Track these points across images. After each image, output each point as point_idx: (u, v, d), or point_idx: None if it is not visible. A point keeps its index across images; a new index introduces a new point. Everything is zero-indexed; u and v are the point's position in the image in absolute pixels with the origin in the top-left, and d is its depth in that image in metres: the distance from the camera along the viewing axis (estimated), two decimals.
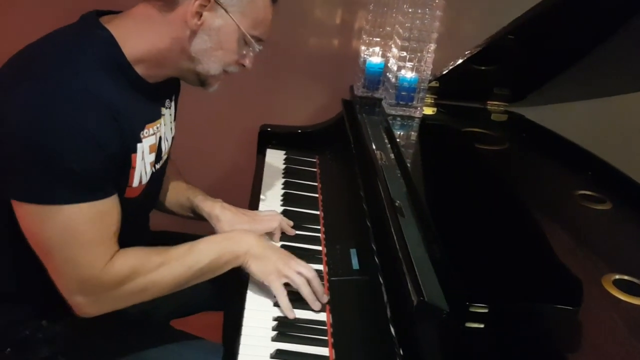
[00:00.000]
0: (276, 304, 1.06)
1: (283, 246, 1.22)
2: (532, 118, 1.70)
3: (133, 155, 1.01)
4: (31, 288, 1.08)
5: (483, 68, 1.62)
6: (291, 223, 1.29)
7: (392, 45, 1.56)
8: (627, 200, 1.31)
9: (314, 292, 1.06)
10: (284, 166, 1.58)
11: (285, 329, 1.01)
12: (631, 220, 1.28)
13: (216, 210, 1.24)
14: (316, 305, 1.06)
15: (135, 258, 1.01)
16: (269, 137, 1.68)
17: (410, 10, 1.45)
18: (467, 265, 0.90)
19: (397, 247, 0.94)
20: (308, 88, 1.89)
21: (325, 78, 1.87)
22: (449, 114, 1.67)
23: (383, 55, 1.63)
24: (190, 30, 0.98)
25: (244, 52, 1.06)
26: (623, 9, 1.24)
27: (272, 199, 1.41)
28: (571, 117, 1.77)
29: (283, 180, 1.50)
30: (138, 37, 0.99)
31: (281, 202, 1.39)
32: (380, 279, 0.95)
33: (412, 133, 1.49)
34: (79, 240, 0.94)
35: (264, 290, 1.09)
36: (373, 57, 1.64)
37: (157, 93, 1.08)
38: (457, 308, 0.81)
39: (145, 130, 1.05)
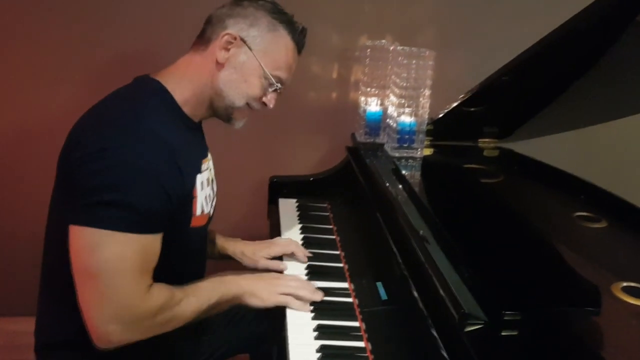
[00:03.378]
0: (317, 337, 1.13)
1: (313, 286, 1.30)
2: (521, 151, 1.84)
3: (194, 187, 1.14)
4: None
5: (473, 109, 1.76)
6: (306, 252, 1.43)
7: (390, 94, 1.69)
8: (620, 218, 1.42)
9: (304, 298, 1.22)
10: (298, 212, 1.67)
11: (330, 358, 1.08)
12: (626, 235, 1.40)
13: (239, 247, 1.42)
14: (306, 308, 1.21)
15: (167, 291, 1.10)
16: (279, 188, 1.78)
17: (405, 61, 1.59)
18: (494, 280, 1.00)
19: (430, 271, 1.03)
20: (310, 139, 2.01)
21: (325, 129, 1.99)
22: (446, 154, 1.80)
23: (381, 104, 1.77)
24: (218, 63, 1.14)
25: (269, 91, 1.20)
26: (598, 47, 1.39)
27: None
28: (556, 146, 1.91)
29: (300, 225, 1.59)
30: (183, 82, 1.15)
31: (302, 246, 1.47)
32: (419, 301, 1.03)
33: (417, 172, 1.61)
34: (125, 268, 1.02)
35: (303, 325, 1.16)
36: (371, 106, 1.77)
37: (202, 134, 1.25)
38: (493, 318, 0.90)
39: (203, 164, 1.20)
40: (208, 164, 1.24)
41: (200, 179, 1.16)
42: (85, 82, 1.88)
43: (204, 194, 1.18)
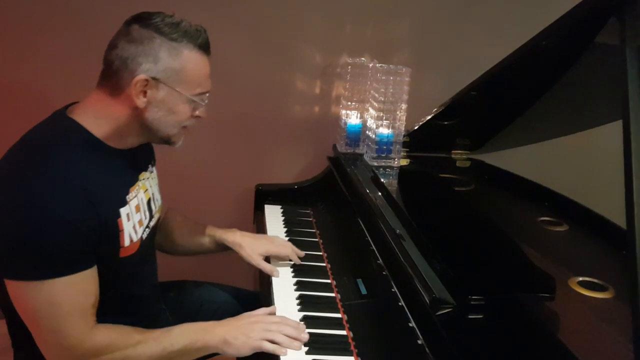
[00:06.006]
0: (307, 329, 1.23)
1: (299, 282, 1.41)
2: (491, 162, 1.98)
3: (118, 220, 1.13)
4: None
5: (445, 123, 1.89)
6: (301, 253, 1.50)
7: (369, 108, 1.82)
8: (580, 222, 1.55)
9: (290, 336, 1.17)
10: (283, 217, 1.77)
11: (315, 344, 1.18)
12: (585, 237, 1.53)
13: (237, 238, 1.46)
14: (295, 345, 1.16)
15: (116, 332, 1.12)
16: (264, 195, 1.89)
17: (383, 77, 1.72)
18: (463, 272, 1.11)
19: (405, 263, 1.15)
20: (294, 150, 2.12)
21: (309, 140, 2.11)
22: (421, 164, 1.92)
23: (360, 117, 1.89)
24: (140, 107, 1.11)
25: (195, 107, 1.19)
26: (560, 66, 1.53)
27: None
28: (524, 158, 2.04)
29: (285, 229, 1.69)
30: (99, 119, 1.12)
31: None
32: (396, 292, 1.14)
33: (394, 180, 1.73)
34: (60, 311, 1.04)
35: (290, 315, 1.26)
36: (352, 119, 1.89)
37: (134, 158, 1.22)
38: (461, 302, 1.02)
39: (130, 194, 1.19)
40: (138, 190, 1.23)
41: (125, 211, 1.16)
42: None
43: (132, 224, 1.18)
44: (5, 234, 1.02)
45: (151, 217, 1.28)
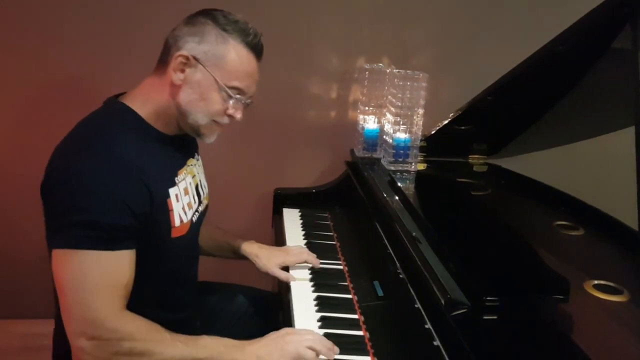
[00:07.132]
0: (320, 327, 1.25)
1: (317, 284, 1.43)
2: (508, 167, 1.99)
3: (168, 200, 1.18)
4: None
5: (462, 127, 1.90)
6: (316, 260, 1.51)
7: (387, 113, 1.84)
8: (596, 227, 1.56)
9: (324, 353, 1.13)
10: (301, 221, 1.80)
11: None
12: (600, 241, 1.53)
13: (254, 249, 1.50)
14: (331, 355, 1.13)
15: (144, 323, 1.09)
16: (283, 199, 1.92)
17: (400, 83, 1.74)
18: (478, 273, 1.13)
19: (421, 266, 1.17)
20: (312, 154, 2.16)
21: (326, 144, 2.14)
22: (438, 168, 1.94)
23: (378, 122, 1.92)
24: (176, 85, 1.16)
25: (230, 103, 1.20)
26: (577, 71, 1.54)
27: None
28: (541, 162, 2.05)
29: (303, 232, 1.72)
30: (147, 104, 1.19)
31: None
32: (412, 293, 1.16)
33: (411, 184, 1.75)
34: (89, 284, 1.05)
35: (309, 317, 1.29)
36: (369, 124, 1.92)
37: (182, 144, 1.27)
38: (476, 303, 1.03)
39: (179, 176, 1.24)
40: (186, 174, 1.27)
41: (174, 191, 1.20)
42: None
43: (182, 205, 1.22)
44: (57, 202, 1.07)
45: (200, 202, 1.33)
